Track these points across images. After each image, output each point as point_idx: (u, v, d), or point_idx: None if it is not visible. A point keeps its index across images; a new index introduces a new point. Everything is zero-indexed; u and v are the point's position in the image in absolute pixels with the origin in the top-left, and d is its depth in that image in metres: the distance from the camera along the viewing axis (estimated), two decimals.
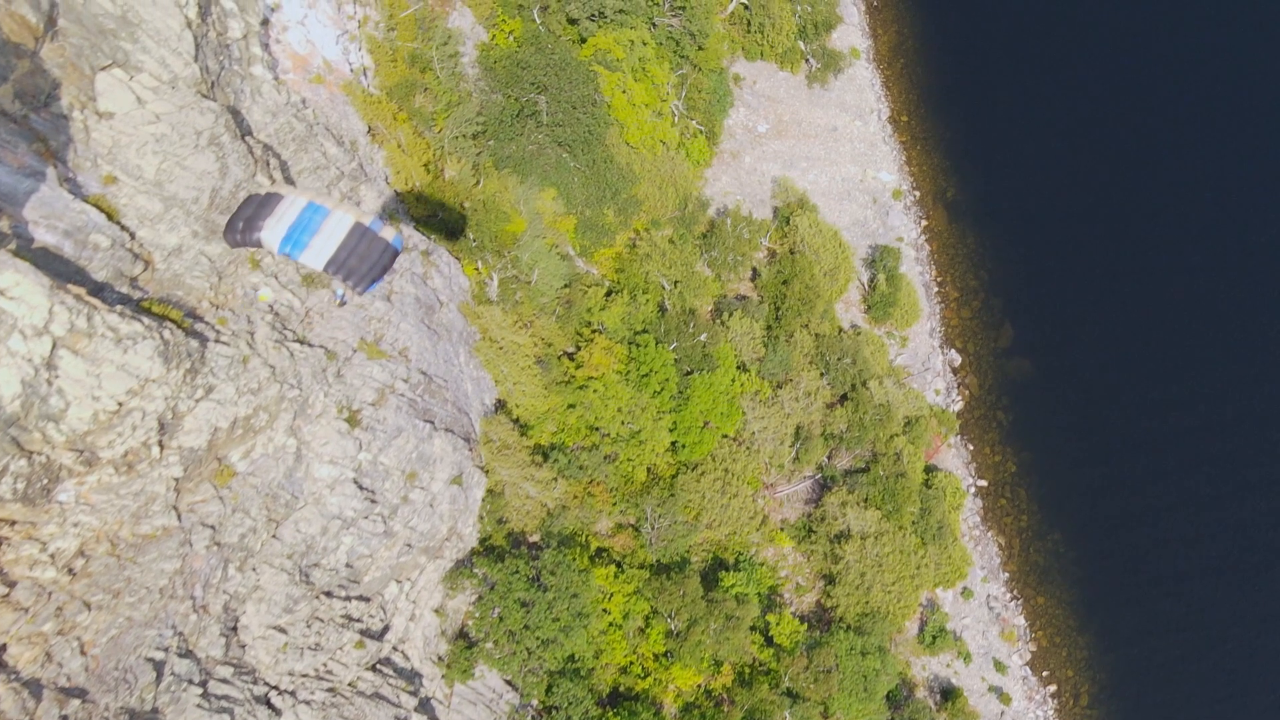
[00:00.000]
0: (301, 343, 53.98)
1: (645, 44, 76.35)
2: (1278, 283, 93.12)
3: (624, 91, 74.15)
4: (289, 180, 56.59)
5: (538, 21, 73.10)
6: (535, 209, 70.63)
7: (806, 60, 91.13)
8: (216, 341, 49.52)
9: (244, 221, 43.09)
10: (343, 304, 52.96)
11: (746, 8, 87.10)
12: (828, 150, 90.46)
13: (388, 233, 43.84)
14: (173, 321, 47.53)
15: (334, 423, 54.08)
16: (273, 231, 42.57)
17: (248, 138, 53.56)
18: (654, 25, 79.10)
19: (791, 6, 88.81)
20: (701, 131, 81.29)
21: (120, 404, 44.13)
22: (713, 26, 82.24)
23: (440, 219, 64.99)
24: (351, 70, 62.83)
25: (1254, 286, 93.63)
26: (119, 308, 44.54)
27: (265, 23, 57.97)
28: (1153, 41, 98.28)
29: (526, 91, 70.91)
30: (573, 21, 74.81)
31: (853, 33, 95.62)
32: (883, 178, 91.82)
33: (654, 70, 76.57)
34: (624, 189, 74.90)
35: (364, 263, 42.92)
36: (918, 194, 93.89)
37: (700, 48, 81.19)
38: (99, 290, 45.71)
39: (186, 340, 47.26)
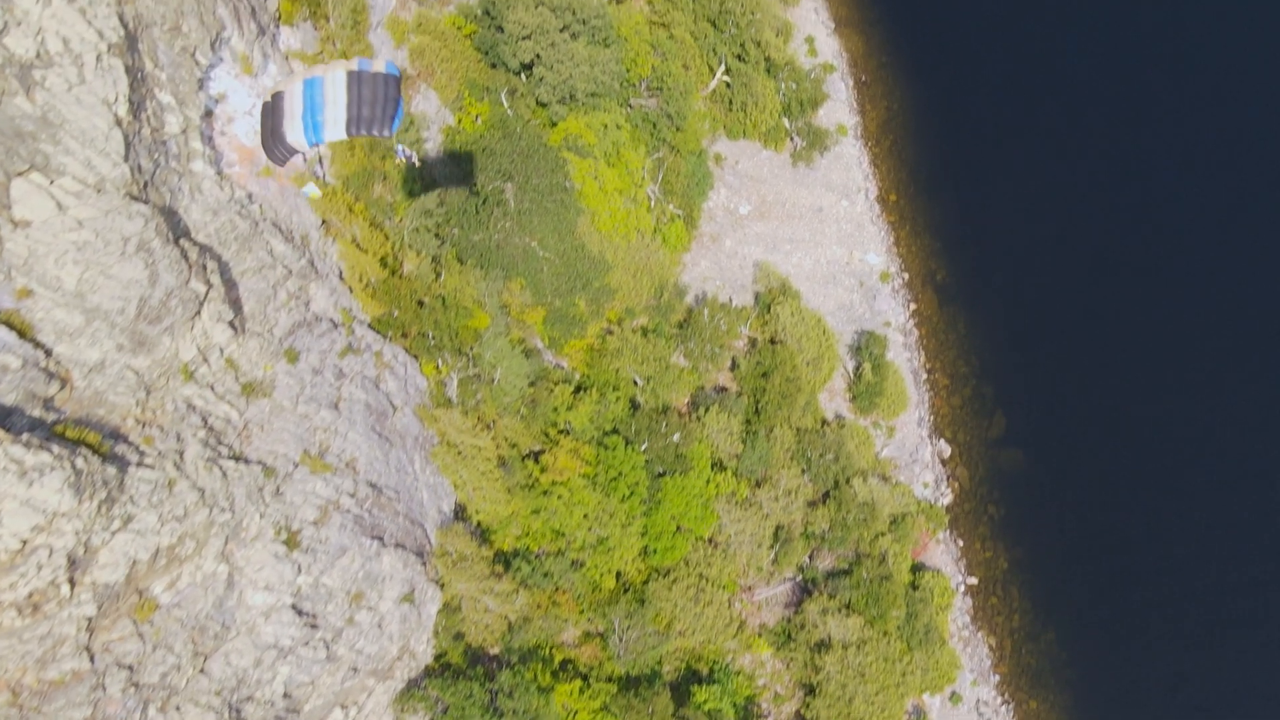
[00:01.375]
0: (237, 459, 50.40)
1: (619, 127, 73.17)
2: None
3: (596, 178, 70.94)
4: (228, 281, 53.20)
5: (506, 105, 69.94)
6: (501, 302, 67.24)
7: (791, 138, 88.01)
8: (139, 465, 45.92)
9: (272, 136, 43.94)
10: (409, 160, 54.26)
11: (729, 86, 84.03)
12: (812, 232, 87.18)
13: (379, 65, 43.97)
14: (89, 447, 43.98)
15: (270, 546, 50.43)
16: (294, 133, 43.12)
17: (183, 240, 50.17)
18: (629, 106, 75.97)
19: (775, 84, 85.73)
20: (679, 216, 78.00)
21: (24, 542, 40.56)
22: (691, 107, 79.14)
23: (397, 317, 61.53)
24: (305, 160, 59.54)
25: (1255, 373, 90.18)
26: (26, 436, 41.04)
27: (208, 114, 54.70)
28: (1152, 118, 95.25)
29: (492, 179, 67.66)
30: (543, 105, 71.66)
31: (840, 109, 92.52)
32: (870, 260, 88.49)
33: (628, 155, 73.39)
34: (596, 278, 71.54)
35: (375, 106, 42.84)
36: (906, 276, 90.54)
37: (678, 129, 78.07)
38: (6, 416, 42.18)
39: (103, 467, 43.68)
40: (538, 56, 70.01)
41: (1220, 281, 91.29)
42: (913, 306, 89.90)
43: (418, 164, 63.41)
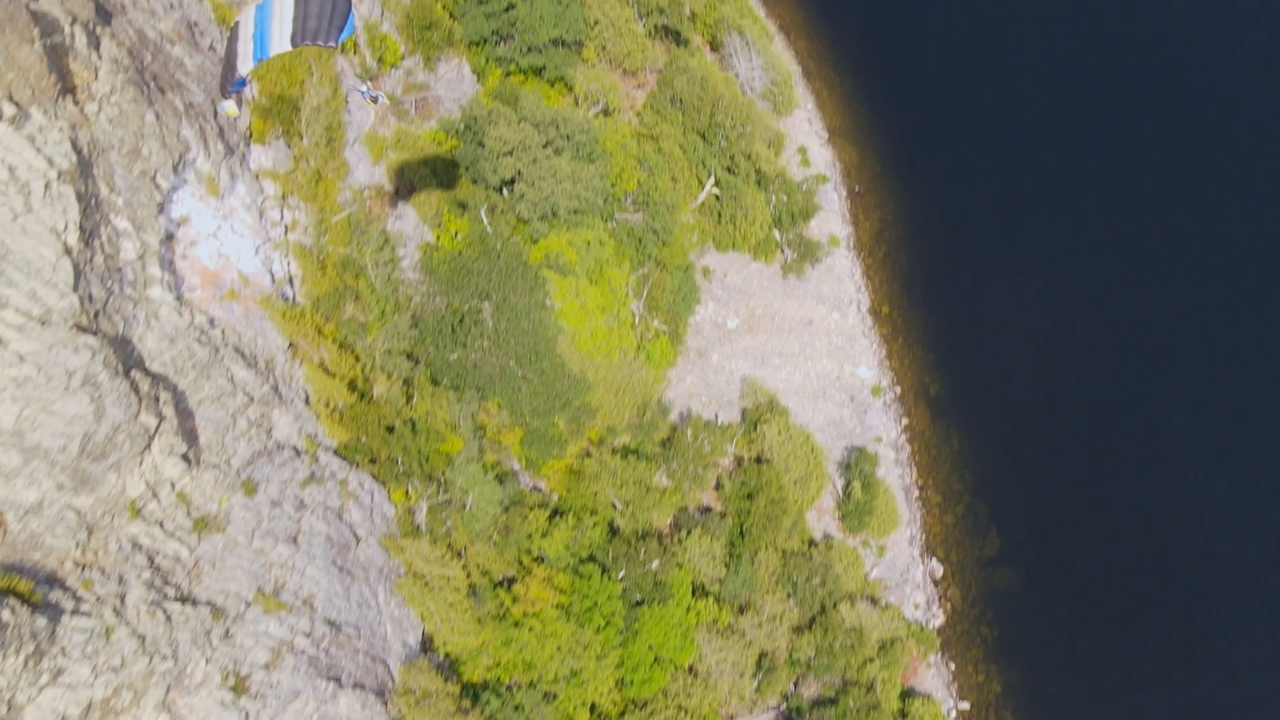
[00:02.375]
0: (184, 601, 47.44)
1: (603, 244, 70.89)
2: None
3: (577, 296, 68.52)
4: (183, 411, 50.56)
5: (485, 222, 67.68)
6: (477, 423, 64.55)
7: (782, 250, 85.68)
8: (74, 613, 43.02)
9: (228, 69, 42.69)
10: (375, 101, 51.45)
11: (718, 198, 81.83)
12: (803, 345, 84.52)
13: None
14: (18, 596, 41.12)
15: (216, 693, 47.33)
16: (244, 59, 41.73)
17: (135, 371, 47.63)
18: (614, 222, 73.72)
19: (766, 196, 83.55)
20: (664, 332, 75.45)
21: None
22: (678, 221, 76.92)
23: (365, 443, 58.79)
24: (274, 281, 57.21)
25: (1257, 483, 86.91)
26: None
27: (169, 238, 52.39)
28: (1144, 237, 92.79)
29: (470, 298, 65.25)
30: (524, 221, 69.40)
31: (832, 220, 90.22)
32: (861, 374, 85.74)
33: (612, 272, 71.02)
34: (576, 397, 68.88)
35: (322, 19, 40.93)
36: (898, 390, 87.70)
37: (664, 244, 75.75)
38: None
39: (32, 618, 40.80)
40: (519, 173, 67.93)
41: (1221, 397, 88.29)
42: (905, 421, 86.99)
43: (388, 103, 62.49)
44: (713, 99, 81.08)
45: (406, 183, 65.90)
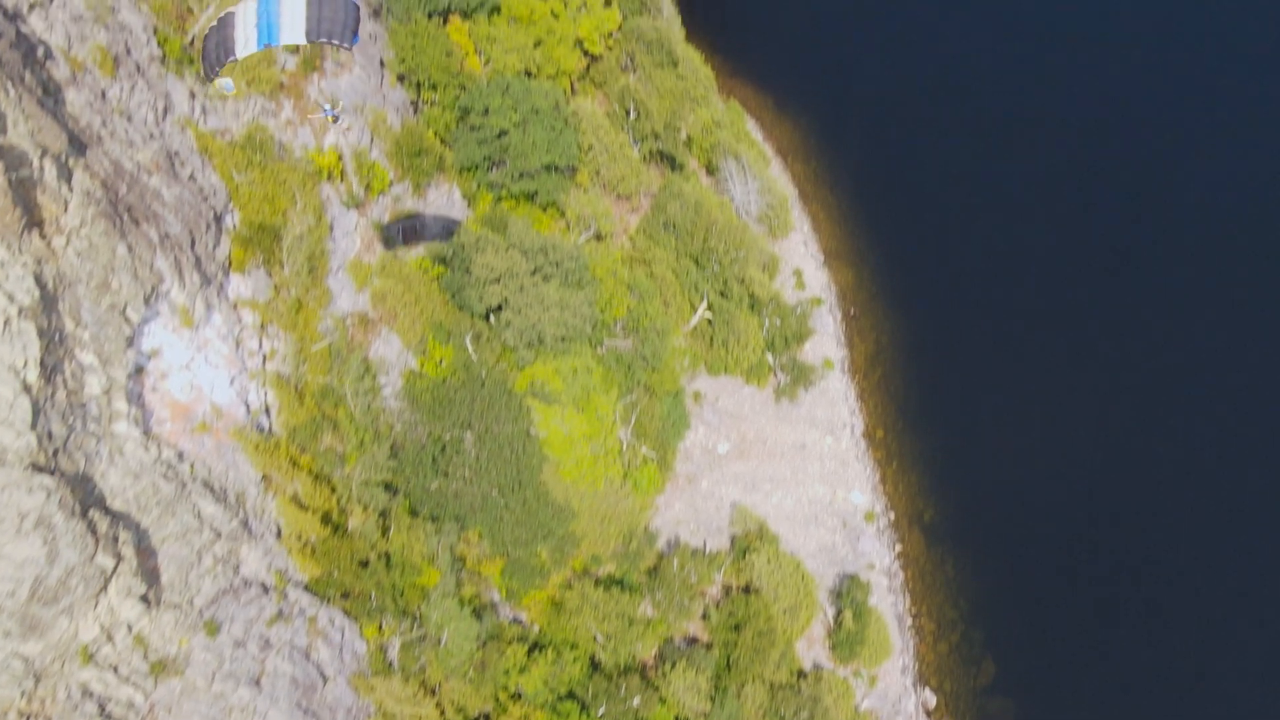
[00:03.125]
0: None
1: (590, 371, 69.31)
2: None
3: (562, 425, 66.79)
4: (145, 550, 48.67)
5: (470, 350, 66.19)
6: (456, 554, 62.51)
7: (775, 374, 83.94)
8: None
9: (218, 49, 41.94)
10: (335, 120, 50.76)
11: (711, 323, 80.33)
12: (794, 470, 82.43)
13: None
14: None
15: None
16: (245, 42, 41.25)
17: (94, 510, 45.87)
18: (602, 348, 72.17)
19: (760, 320, 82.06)
20: (653, 459, 73.50)
21: None
22: (669, 347, 75.35)
23: (337, 578, 56.74)
24: (249, 412, 55.62)
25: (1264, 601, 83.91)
26: None
27: (139, 371, 50.90)
28: (1148, 353, 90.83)
29: (451, 428, 63.54)
30: (510, 348, 67.88)
31: (827, 342, 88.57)
32: (854, 499, 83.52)
33: (598, 399, 69.35)
34: (560, 527, 66.87)
35: (335, 22, 41.11)
36: (892, 516, 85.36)
37: (654, 370, 74.11)
38: None
39: None
40: (505, 300, 66.55)
41: (1229, 517, 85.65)
42: (898, 548, 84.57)
43: (345, 127, 62.31)
44: (706, 224, 79.96)
45: (390, 310, 64.56)
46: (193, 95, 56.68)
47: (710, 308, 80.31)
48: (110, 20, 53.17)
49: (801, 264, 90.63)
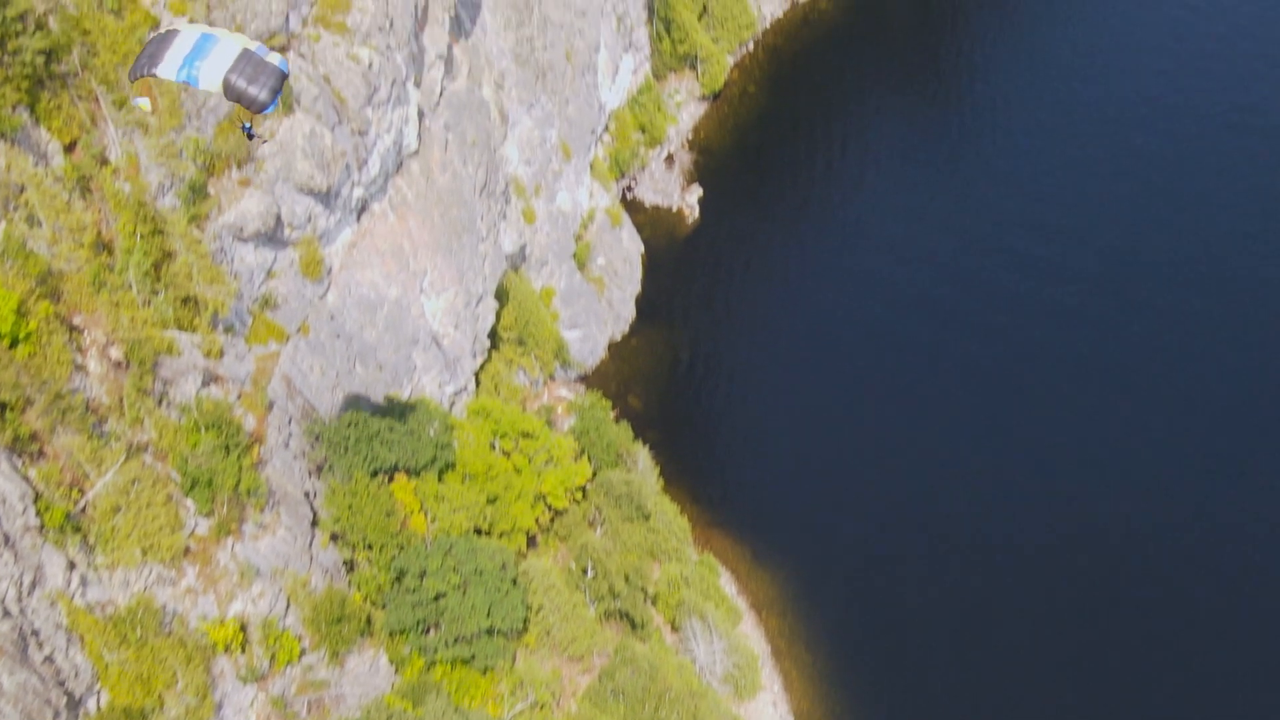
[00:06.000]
0: None
1: None
2: None
3: None
4: None
5: None
6: None
7: None
8: None
9: (147, 57, 42.45)
10: (251, 136, 49.33)
11: None
12: None
13: (274, 58, 42.36)
14: None
15: None
16: (169, 64, 41.73)
17: None
18: None
19: None
20: None
21: None
22: None
23: None
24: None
25: None
26: None
27: None
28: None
29: None
30: None
31: None
32: None
33: None
34: None
35: (256, 84, 41.46)
36: None
37: None
38: None
39: None
40: None
41: None
42: None
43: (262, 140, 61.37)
44: (659, 691, 71.57)
45: None
46: (72, 566, 50.87)
47: None
48: None
49: None
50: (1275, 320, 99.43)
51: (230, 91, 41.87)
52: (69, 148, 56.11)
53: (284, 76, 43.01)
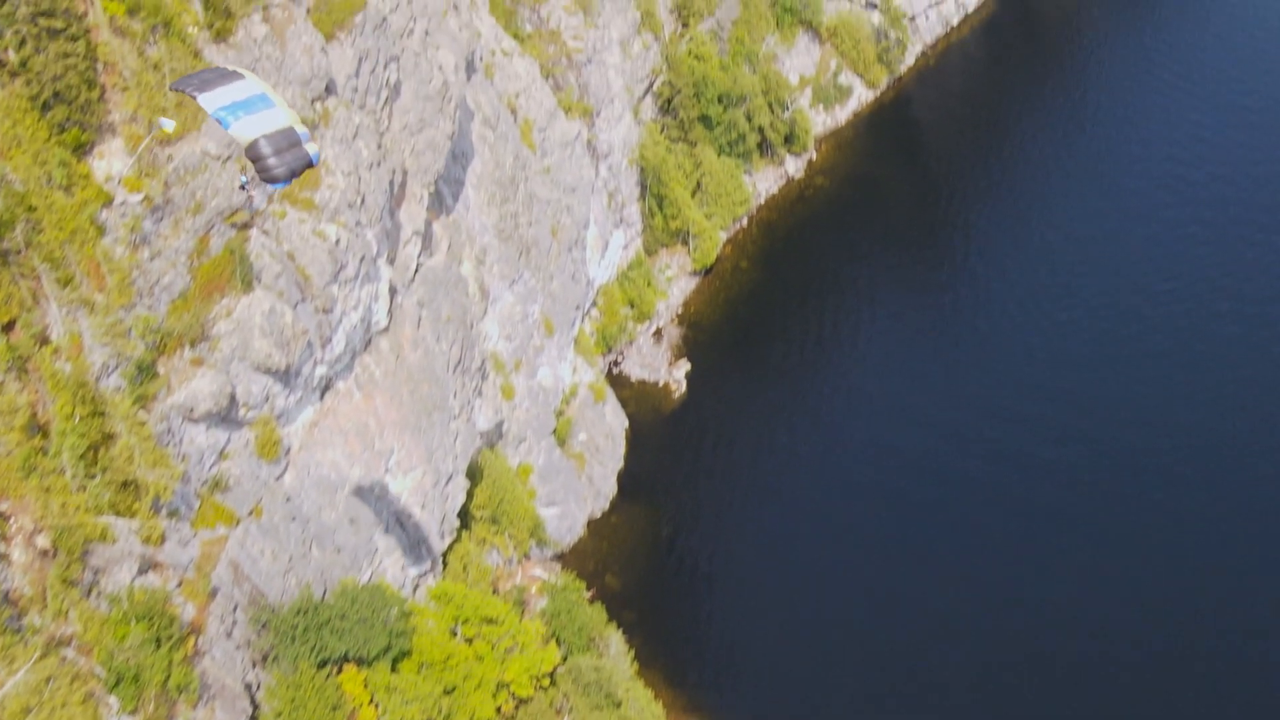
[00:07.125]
0: None
1: None
2: None
3: None
4: None
5: None
6: None
7: None
8: None
9: (199, 80, 42.61)
10: (244, 188, 50.63)
11: None
12: None
13: (311, 147, 42.70)
14: None
15: None
16: (215, 99, 41.44)
17: None
18: None
19: None
20: None
21: None
22: None
23: None
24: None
25: None
26: None
27: None
28: None
29: None
30: None
31: None
32: None
33: None
34: None
35: (281, 158, 41.46)
36: None
37: None
38: None
39: None
40: None
41: None
42: None
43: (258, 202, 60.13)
44: None
45: None
46: None
47: None
48: None
49: None
50: None
51: (253, 152, 41.74)
52: (7, 327, 53.64)
53: (310, 165, 43.14)
